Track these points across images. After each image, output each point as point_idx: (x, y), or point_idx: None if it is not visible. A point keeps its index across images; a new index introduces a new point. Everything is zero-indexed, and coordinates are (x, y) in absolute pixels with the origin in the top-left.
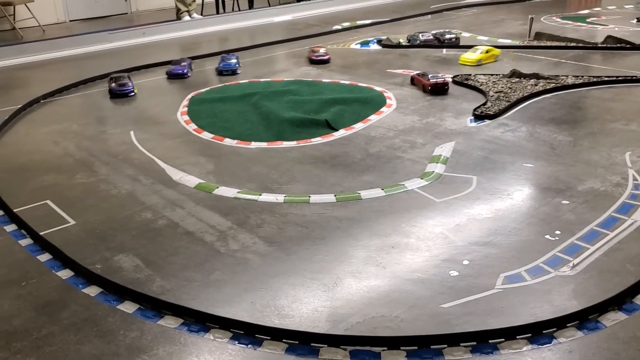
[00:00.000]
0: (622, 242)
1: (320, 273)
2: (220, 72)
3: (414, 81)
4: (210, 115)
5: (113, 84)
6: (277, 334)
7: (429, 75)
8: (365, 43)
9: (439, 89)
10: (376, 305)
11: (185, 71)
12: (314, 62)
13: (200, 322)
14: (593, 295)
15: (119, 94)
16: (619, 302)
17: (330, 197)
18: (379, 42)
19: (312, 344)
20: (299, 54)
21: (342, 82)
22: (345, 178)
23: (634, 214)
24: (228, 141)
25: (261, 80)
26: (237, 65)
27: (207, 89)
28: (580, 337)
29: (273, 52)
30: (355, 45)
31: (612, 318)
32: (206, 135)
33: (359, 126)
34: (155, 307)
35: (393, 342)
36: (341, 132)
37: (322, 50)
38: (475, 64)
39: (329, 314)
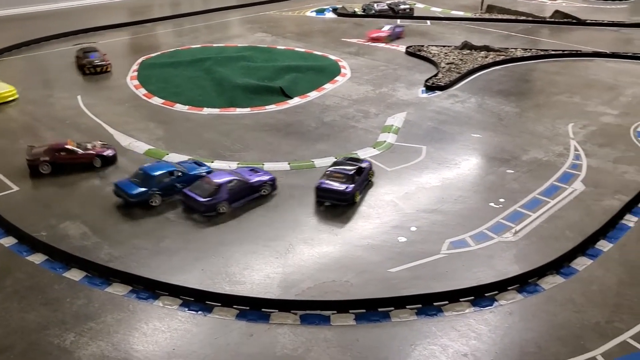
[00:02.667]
0: (563, 209)
1: (273, 240)
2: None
3: None
4: (160, 80)
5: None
6: (227, 300)
7: None
8: (320, 11)
9: None
10: (327, 271)
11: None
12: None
13: (150, 289)
14: (533, 260)
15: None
16: (557, 266)
17: (284, 165)
18: (335, 10)
19: (262, 310)
20: (253, 19)
21: (297, 49)
22: (300, 146)
23: (574, 183)
24: (179, 107)
25: (214, 45)
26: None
27: (158, 53)
28: (520, 299)
29: (227, 17)
30: (310, 13)
31: (551, 282)
32: (156, 101)
33: (313, 95)
34: (103, 274)
35: (342, 306)
36: (296, 100)
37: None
38: None
39: (281, 280)
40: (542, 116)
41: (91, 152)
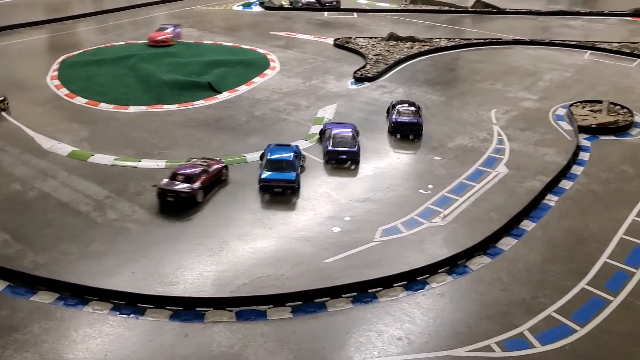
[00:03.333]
0: (488, 192)
1: (206, 238)
2: None
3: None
4: (83, 79)
5: None
6: (160, 302)
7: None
8: (247, 5)
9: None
10: (262, 266)
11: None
12: None
13: (78, 295)
14: (461, 242)
15: None
16: (484, 247)
17: None
18: (262, 3)
19: (197, 309)
20: (179, 14)
21: (225, 44)
22: (230, 141)
23: (498, 167)
24: (103, 106)
25: (139, 42)
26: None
27: (80, 51)
28: (450, 281)
29: (152, 13)
30: (237, 7)
31: (478, 262)
32: (79, 101)
33: (243, 89)
34: (28, 283)
35: (278, 300)
36: (225, 95)
37: None
38: None
39: (215, 277)
40: (467, 104)
41: None
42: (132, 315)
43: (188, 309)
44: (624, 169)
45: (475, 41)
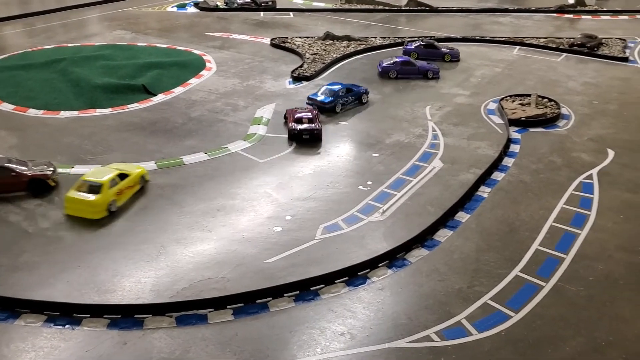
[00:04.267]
0: (424, 186)
1: (144, 244)
2: None
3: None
4: (10, 84)
5: None
6: (97, 311)
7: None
8: (182, 6)
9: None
10: (202, 269)
11: None
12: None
13: (9, 308)
14: (400, 236)
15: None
16: (421, 240)
17: (150, 165)
18: (196, 4)
19: (135, 316)
20: (112, 16)
21: (160, 45)
22: (166, 144)
23: (434, 161)
24: (33, 112)
25: (69, 45)
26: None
27: (5, 55)
28: (390, 274)
29: (83, 15)
30: (171, 8)
31: (417, 255)
32: (6, 107)
33: (178, 90)
34: None
35: (219, 302)
36: (160, 97)
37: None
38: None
39: (153, 283)
40: (403, 101)
41: None
42: (67, 326)
43: (126, 316)
44: (553, 160)
45: (409, 39)
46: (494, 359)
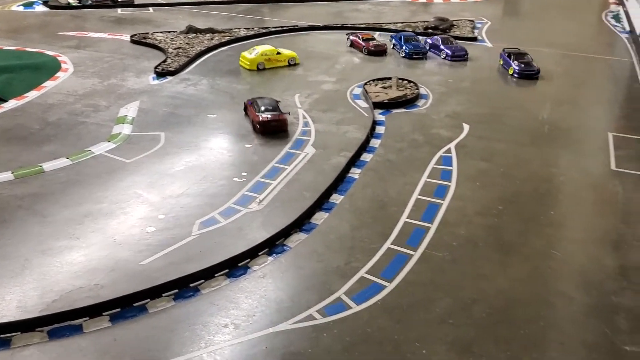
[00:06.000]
0: (299, 173)
1: (5, 259)
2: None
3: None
4: None
5: None
6: None
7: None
8: (29, 4)
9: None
10: (73, 278)
11: None
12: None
13: None
14: (278, 223)
15: None
16: (299, 224)
17: (6, 175)
18: (45, 3)
19: (1, 336)
20: None
21: (7, 48)
22: (23, 152)
23: (306, 147)
24: None
25: None
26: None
27: None
28: (271, 261)
29: None
30: (17, 7)
31: (295, 239)
32: None
33: (32, 94)
34: None
35: (94, 310)
36: (11, 103)
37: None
38: (254, 68)
39: (20, 299)
40: (272, 90)
41: None
42: None
43: None
44: (415, 138)
45: (273, 29)
46: (372, 327)
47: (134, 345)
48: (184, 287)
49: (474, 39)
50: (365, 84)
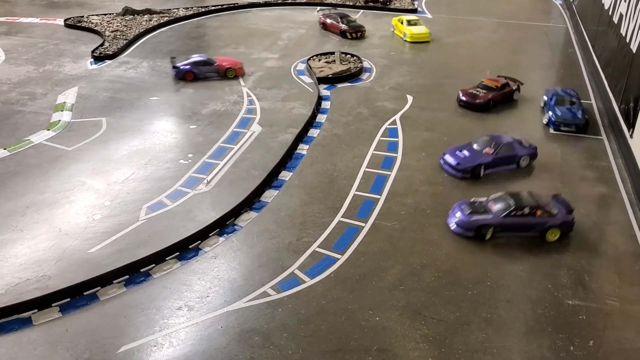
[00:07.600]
0: (246, 152)
1: None
2: None
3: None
4: None
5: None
6: None
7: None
8: None
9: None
10: (19, 271)
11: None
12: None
13: None
14: (228, 203)
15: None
16: (249, 203)
17: None
18: None
19: None
20: None
21: None
22: None
23: (252, 126)
24: None
25: None
26: None
27: None
28: (222, 241)
29: None
30: None
31: (246, 218)
32: None
33: None
34: None
35: (42, 302)
36: None
37: None
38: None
39: None
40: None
41: None
42: None
43: None
44: (360, 111)
45: (213, 8)
46: (326, 299)
47: (87, 334)
48: (134, 272)
49: (414, 11)
50: (309, 59)
